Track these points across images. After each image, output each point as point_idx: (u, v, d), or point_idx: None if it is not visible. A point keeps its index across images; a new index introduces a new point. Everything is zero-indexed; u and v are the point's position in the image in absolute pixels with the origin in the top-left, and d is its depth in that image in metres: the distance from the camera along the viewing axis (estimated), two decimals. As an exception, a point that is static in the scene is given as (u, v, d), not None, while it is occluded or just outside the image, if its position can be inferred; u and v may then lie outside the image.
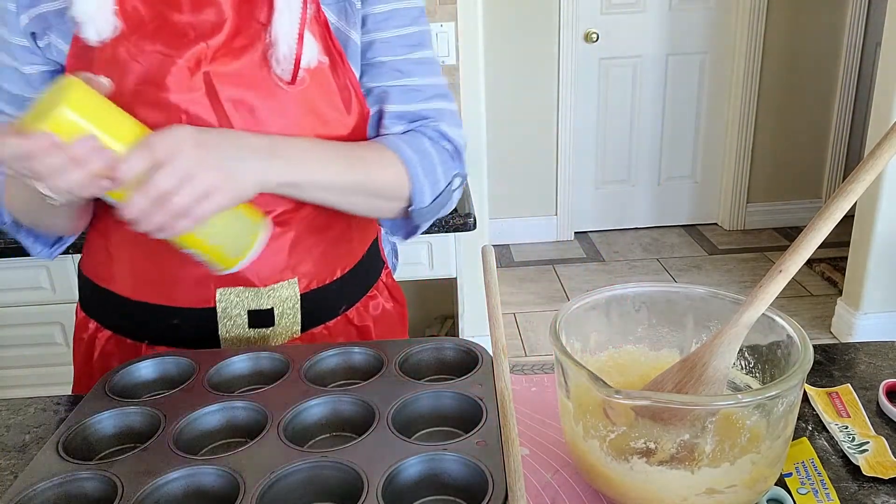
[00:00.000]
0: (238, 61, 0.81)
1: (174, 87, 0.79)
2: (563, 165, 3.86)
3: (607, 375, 0.64)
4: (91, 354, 0.97)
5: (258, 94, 0.82)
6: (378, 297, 1.03)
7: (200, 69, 0.80)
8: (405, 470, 0.65)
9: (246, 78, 0.81)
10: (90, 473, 0.66)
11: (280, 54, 0.80)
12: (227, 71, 0.81)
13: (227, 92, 0.81)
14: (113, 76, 0.76)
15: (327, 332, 0.96)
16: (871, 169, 0.62)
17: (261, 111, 0.82)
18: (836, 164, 3.95)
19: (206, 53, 0.80)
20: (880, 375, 0.88)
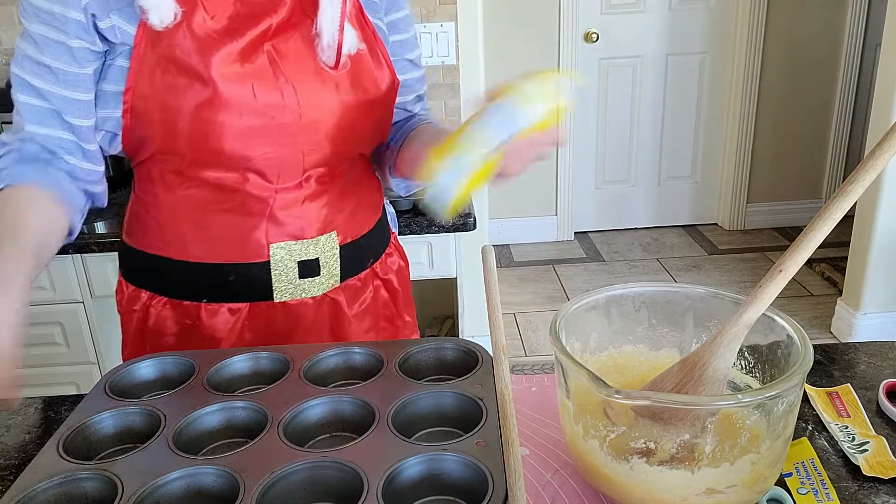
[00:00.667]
0: (293, 44, 0.91)
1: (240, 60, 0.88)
2: (562, 165, 3.86)
3: (607, 375, 0.64)
4: (145, 323, 1.02)
5: (310, 75, 0.92)
6: (393, 255, 1.15)
7: (263, 45, 0.89)
8: (405, 470, 0.65)
9: (300, 59, 0.91)
10: (90, 473, 0.66)
11: (325, 43, 0.91)
12: (285, 47, 0.91)
13: (287, 69, 0.90)
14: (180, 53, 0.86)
15: (360, 283, 1.07)
16: (871, 169, 0.62)
17: (314, 87, 0.92)
18: (836, 164, 3.95)
19: (270, 29, 0.90)
20: (880, 375, 0.88)
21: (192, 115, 0.87)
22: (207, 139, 0.89)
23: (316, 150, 0.95)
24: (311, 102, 0.92)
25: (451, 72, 2.40)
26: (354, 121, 0.96)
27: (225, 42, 0.87)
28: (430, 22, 2.34)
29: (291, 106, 0.91)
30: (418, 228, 1.92)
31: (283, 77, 0.90)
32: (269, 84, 0.89)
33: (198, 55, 0.86)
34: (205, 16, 0.87)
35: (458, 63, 2.40)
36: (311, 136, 0.93)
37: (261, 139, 0.91)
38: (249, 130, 0.90)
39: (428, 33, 2.35)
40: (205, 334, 1.00)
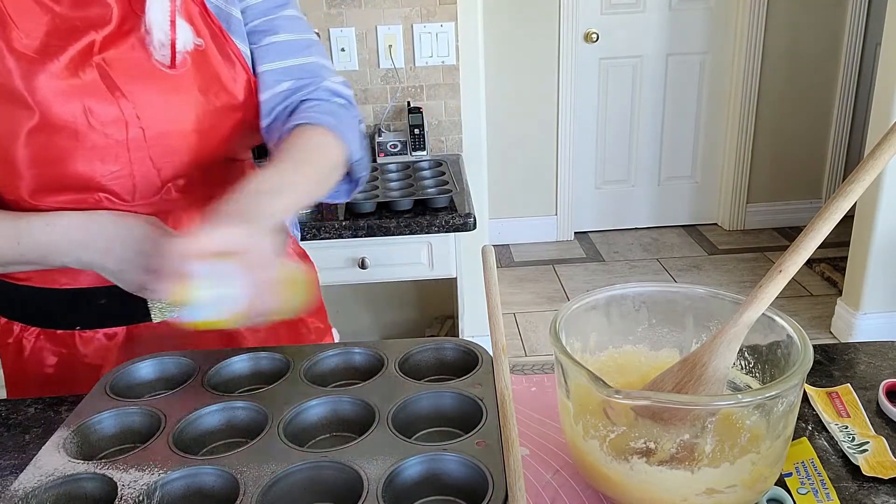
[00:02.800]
0: (125, 50, 0.85)
1: (67, 76, 0.81)
2: (563, 165, 3.86)
3: (607, 375, 0.64)
4: (21, 356, 0.97)
5: (148, 80, 0.85)
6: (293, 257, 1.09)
7: (91, 59, 0.83)
8: (405, 470, 0.65)
9: (135, 65, 0.85)
10: (90, 473, 0.66)
11: (157, 41, 0.85)
12: (117, 57, 0.84)
13: (121, 79, 0.84)
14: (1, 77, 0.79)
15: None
16: (871, 169, 0.62)
17: (154, 95, 0.86)
18: (836, 164, 3.95)
19: (95, 44, 0.83)
20: (880, 375, 0.88)
21: (25, 141, 0.80)
22: (48, 165, 0.83)
23: (170, 163, 0.88)
24: (153, 114, 0.85)
25: (451, 72, 2.40)
26: (209, 126, 0.89)
27: (45, 61, 0.80)
28: (430, 22, 2.34)
29: (132, 120, 0.84)
30: (418, 228, 1.92)
31: (119, 91, 0.83)
32: (104, 100, 0.83)
33: (19, 78, 0.79)
34: (19, 34, 0.80)
35: (458, 63, 2.40)
36: (162, 149, 0.87)
37: (106, 159, 0.85)
38: (91, 152, 0.83)
39: (428, 33, 2.35)
40: (83, 363, 0.95)
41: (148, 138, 0.86)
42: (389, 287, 2.55)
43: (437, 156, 2.41)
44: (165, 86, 0.86)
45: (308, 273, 0.83)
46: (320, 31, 2.32)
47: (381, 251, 1.98)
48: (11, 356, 0.98)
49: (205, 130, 0.89)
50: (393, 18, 2.34)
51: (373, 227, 1.91)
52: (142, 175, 0.87)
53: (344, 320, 2.63)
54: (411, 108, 2.37)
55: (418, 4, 2.32)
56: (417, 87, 2.41)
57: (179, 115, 0.87)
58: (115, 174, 0.86)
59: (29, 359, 0.96)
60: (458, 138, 2.48)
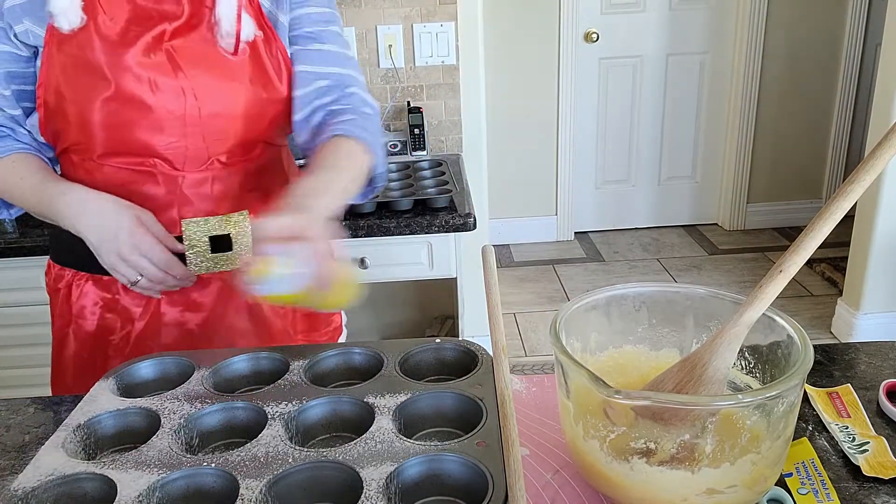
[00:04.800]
0: (192, 39, 0.98)
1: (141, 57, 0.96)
2: (563, 165, 3.86)
3: (607, 375, 0.64)
4: (69, 300, 1.08)
5: (208, 66, 0.99)
6: None
7: (162, 45, 0.97)
8: (405, 470, 0.65)
9: (198, 53, 0.99)
10: (90, 473, 0.66)
11: (224, 31, 0.99)
12: (184, 45, 0.98)
13: (185, 63, 0.98)
14: (85, 53, 0.95)
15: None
16: (871, 169, 0.62)
17: (211, 79, 0.99)
18: (836, 164, 3.95)
19: (166, 33, 0.97)
20: (880, 375, 0.88)
21: (100, 109, 0.96)
22: (116, 131, 0.97)
23: (219, 140, 1.02)
24: (209, 95, 0.99)
25: (451, 72, 2.40)
26: (254, 113, 1.03)
27: (125, 44, 0.95)
28: (430, 22, 2.34)
29: (190, 98, 0.98)
30: (418, 228, 1.92)
31: (182, 72, 0.97)
32: (169, 80, 0.97)
33: (102, 54, 0.95)
34: (105, 18, 0.95)
35: (458, 63, 2.39)
36: (213, 127, 1.00)
37: (165, 130, 0.98)
38: (153, 123, 0.98)
39: (428, 33, 2.35)
40: (121, 307, 1.06)
41: (202, 116, 0.99)
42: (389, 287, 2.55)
43: (437, 156, 2.41)
44: (222, 73, 1.00)
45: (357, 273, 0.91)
46: (320, 31, 2.32)
47: (381, 251, 1.98)
48: (62, 300, 1.10)
49: (250, 115, 1.03)
50: (393, 18, 2.33)
51: (373, 227, 1.90)
52: (193, 147, 1.01)
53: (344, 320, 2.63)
54: (411, 107, 2.37)
55: (418, 4, 2.31)
56: (417, 87, 2.41)
57: (231, 99, 1.01)
58: (172, 144, 0.99)
59: (76, 303, 1.08)
60: (458, 138, 2.48)
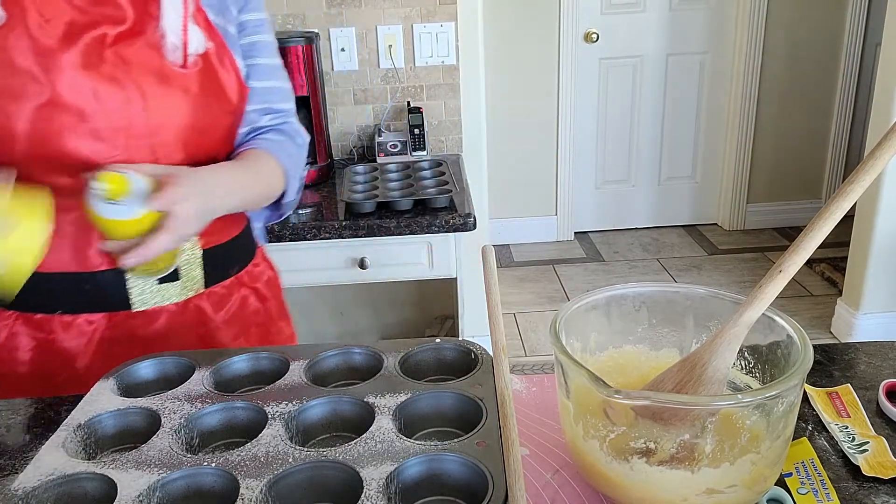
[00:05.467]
0: (138, 45, 0.92)
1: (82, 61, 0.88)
2: (563, 165, 3.86)
3: (607, 375, 0.64)
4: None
5: (156, 76, 0.93)
6: (261, 265, 1.16)
7: (105, 49, 0.90)
8: (405, 470, 0.65)
9: (146, 61, 0.92)
10: (90, 473, 0.66)
11: (171, 43, 0.93)
12: (130, 52, 0.91)
13: (133, 72, 0.91)
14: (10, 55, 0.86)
15: (225, 290, 1.08)
16: (871, 169, 0.62)
17: (160, 89, 0.93)
18: (836, 164, 3.95)
19: (108, 37, 0.90)
20: (880, 375, 0.88)
21: (30, 117, 0.86)
22: (48, 143, 0.88)
23: (167, 154, 0.94)
24: (158, 105, 0.92)
25: (451, 72, 2.40)
26: (205, 125, 0.97)
27: (63, 45, 0.87)
28: (430, 22, 2.34)
29: (137, 109, 0.91)
30: (418, 228, 1.92)
31: (130, 80, 0.90)
32: (113, 86, 0.90)
33: (36, 57, 0.86)
34: (38, 18, 0.87)
35: (458, 63, 2.39)
36: (161, 139, 0.94)
37: (107, 143, 0.90)
38: (94, 134, 0.89)
39: (428, 33, 2.35)
40: (60, 348, 0.98)
41: (150, 126, 0.92)
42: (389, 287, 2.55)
43: (437, 156, 2.41)
44: (172, 83, 0.93)
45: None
46: (320, 31, 2.32)
47: (381, 251, 1.98)
48: None
49: (200, 128, 0.97)
50: (393, 18, 2.33)
51: (373, 227, 1.90)
52: (140, 162, 0.92)
53: (344, 320, 2.63)
54: (411, 108, 2.36)
55: (418, 4, 2.31)
56: (417, 87, 2.41)
57: (181, 110, 0.94)
58: (115, 159, 0.91)
59: (5, 343, 0.98)
60: (458, 138, 2.48)
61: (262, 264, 1.17)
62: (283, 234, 1.88)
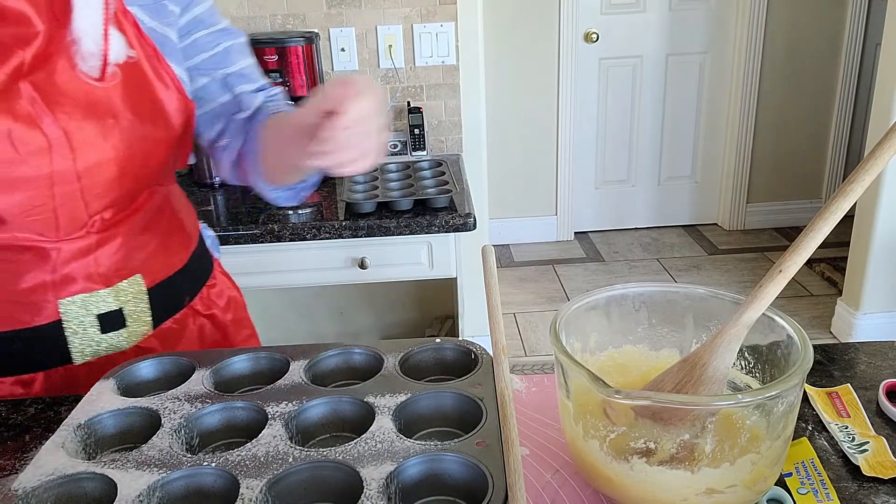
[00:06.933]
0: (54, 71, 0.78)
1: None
2: (563, 165, 3.86)
3: (607, 375, 0.64)
4: None
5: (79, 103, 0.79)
6: (218, 285, 1.06)
7: (19, 81, 0.76)
8: (405, 470, 0.65)
9: (65, 87, 0.78)
10: (90, 473, 0.66)
11: (85, 50, 0.78)
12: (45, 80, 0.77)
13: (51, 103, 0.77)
14: None
15: (177, 325, 0.98)
16: (871, 169, 0.62)
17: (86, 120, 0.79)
18: (836, 164, 3.95)
19: (24, 65, 0.76)
20: (880, 375, 0.88)
21: None
22: None
23: (100, 195, 0.83)
24: (85, 143, 0.79)
25: (451, 72, 2.40)
26: (143, 155, 0.85)
27: None
28: (430, 22, 2.34)
29: (62, 151, 0.78)
30: (418, 228, 1.92)
31: (48, 115, 0.77)
32: (31, 128, 0.76)
33: None
34: None
35: (458, 63, 2.40)
36: (92, 181, 0.81)
37: (29, 192, 0.78)
38: (13, 184, 0.77)
39: (428, 33, 2.35)
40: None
41: (79, 170, 0.80)
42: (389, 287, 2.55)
43: (437, 156, 2.41)
44: (98, 109, 0.80)
45: None
46: (320, 31, 2.32)
47: (381, 251, 1.98)
48: None
49: (135, 157, 0.84)
50: (393, 18, 2.34)
51: (373, 227, 1.90)
52: (68, 208, 0.82)
53: (344, 320, 2.63)
54: (411, 108, 2.37)
55: (418, 4, 2.32)
56: (417, 87, 2.41)
57: (111, 142, 0.81)
58: (39, 208, 0.79)
59: None
60: (458, 138, 2.48)
61: (220, 283, 1.07)
62: (282, 234, 1.88)
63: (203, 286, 1.03)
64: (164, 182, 0.96)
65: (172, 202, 0.99)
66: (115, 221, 0.88)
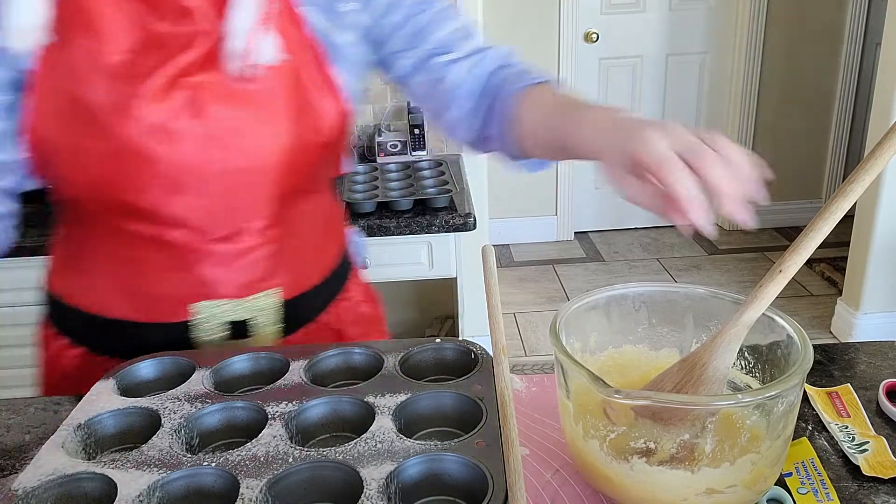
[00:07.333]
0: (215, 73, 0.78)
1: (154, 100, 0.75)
2: (562, 165, 3.86)
3: (607, 375, 0.64)
4: (58, 371, 0.94)
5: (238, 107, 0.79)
6: (351, 300, 1.03)
7: (179, 81, 0.77)
8: (405, 470, 0.65)
9: (225, 90, 0.79)
10: (90, 473, 0.66)
11: (232, 48, 0.78)
12: (207, 81, 0.78)
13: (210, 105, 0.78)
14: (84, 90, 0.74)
15: (305, 337, 0.96)
16: (871, 169, 0.62)
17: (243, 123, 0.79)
18: (836, 164, 3.95)
19: (185, 66, 0.77)
20: (880, 375, 0.88)
21: (97, 163, 0.76)
22: (117, 190, 0.78)
23: (253, 198, 0.83)
24: (242, 144, 0.79)
25: (451, 72, 2.40)
26: (293, 160, 0.83)
27: (132, 79, 0.75)
28: (430, 22, 2.34)
29: (215, 153, 0.79)
30: (418, 228, 1.92)
31: (207, 117, 0.77)
32: (191, 128, 0.77)
33: (103, 94, 0.74)
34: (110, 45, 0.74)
35: (458, 63, 2.39)
36: (242, 184, 0.82)
37: (182, 190, 0.79)
38: (168, 182, 0.78)
39: (428, 33, 2.34)
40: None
41: (229, 169, 0.80)
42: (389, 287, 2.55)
43: (437, 156, 2.41)
44: (256, 114, 0.80)
45: None
46: (320, 31, 2.32)
47: (381, 251, 1.98)
48: (50, 369, 0.96)
49: (291, 163, 0.83)
50: (393, 18, 2.33)
51: (373, 227, 1.90)
52: (219, 209, 0.82)
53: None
54: (411, 107, 2.36)
55: (418, 4, 2.31)
56: (417, 87, 2.41)
57: (267, 147, 0.81)
58: (190, 206, 0.81)
59: (70, 374, 0.93)
60: (458, 138, 2.48)
61: (354, 295, 1.02)
62: (283, 234, 1.88)
63: (337, 299, 1.00)
64: (316, 189, 0.93)
65: (322, 213, 0.96)
66: (265, 230, 0.87)
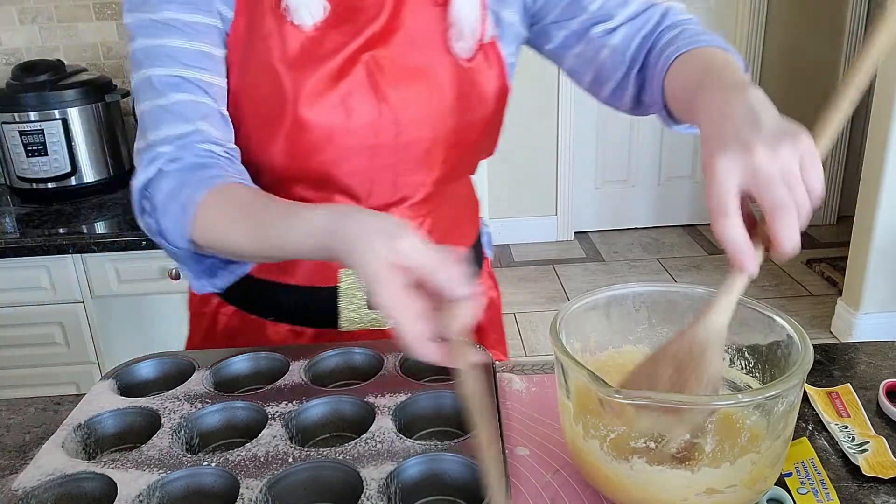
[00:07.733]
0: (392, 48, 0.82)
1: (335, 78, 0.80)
2: (563, 165, 3.86)
3: (607, 375, 0.64)
4: (215, 326, 0.99)
5: (411, 83, 0.83)
6: (483, 284, 1.06)
7: (361, 57, 0.81)
8: (405, 470, 0.65)
9: (400, 66, 0.82)
10: (90, 473, 0.66)
11: (463, 31, 0.83)
12: (385, 57, 0.82)
13: (386, 81, 0.82)
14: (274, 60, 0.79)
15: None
16: None
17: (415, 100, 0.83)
18: (836, 164, 3.95)
19: (367, 40, 0.81)
20: (880, 375, 0.88)
21: (280, 139, 0.81)
22: (290, 157, 0.83)
23: (413, 171, 0.87)
24: (410, 120, 0.83)
25: (451, 72, 2.40)
26: (457, 137, 0.87)
27: (317, 54, 0.80)
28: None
29: (387, 125, 0.83)
30: (418, 228, 1.92)
31: (382, 93, 0.82)
32: (366, 102, 0.81)
33: (286, 68, 0.79)
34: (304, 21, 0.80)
35: (458, 63, 2.39)
36: (409, 156, 0.85)
37: (351, 159, 0.84)
38: (340, 151, 0.83)
39: (428, 33, 2.35)
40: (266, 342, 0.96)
41: (397, 144, 0.84)
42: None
43: (437, 156, 2.41)
44: (428, 92, 0.84)
45: None
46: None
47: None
48: (206, 325, 1.00)
49: (453, 142, 0.87)
50: (393, 18, 2.34)
51: (373, 227, 1.90)
52: (381, 179, 0.86)
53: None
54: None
55: (418, 4, 2.32)
56: (417, 87, 2.41)
57: (433, 119, 0.85)
58: (355, 173, 0.85)
59: (222, 331, 0.98)
60: (458, 138, 2.48)
61: (486, 281, 1.05)
62: (283, 234, 1.88)
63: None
64: (468, 171, 0.97)
65: (467, 196, 1.00)
66: (418, 204, 0.91)
